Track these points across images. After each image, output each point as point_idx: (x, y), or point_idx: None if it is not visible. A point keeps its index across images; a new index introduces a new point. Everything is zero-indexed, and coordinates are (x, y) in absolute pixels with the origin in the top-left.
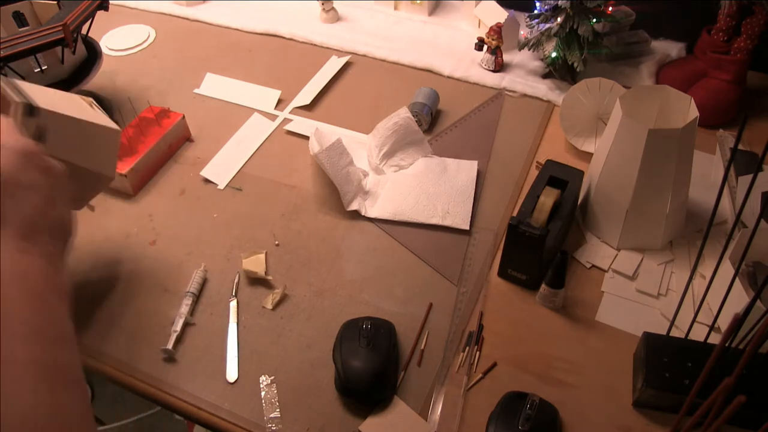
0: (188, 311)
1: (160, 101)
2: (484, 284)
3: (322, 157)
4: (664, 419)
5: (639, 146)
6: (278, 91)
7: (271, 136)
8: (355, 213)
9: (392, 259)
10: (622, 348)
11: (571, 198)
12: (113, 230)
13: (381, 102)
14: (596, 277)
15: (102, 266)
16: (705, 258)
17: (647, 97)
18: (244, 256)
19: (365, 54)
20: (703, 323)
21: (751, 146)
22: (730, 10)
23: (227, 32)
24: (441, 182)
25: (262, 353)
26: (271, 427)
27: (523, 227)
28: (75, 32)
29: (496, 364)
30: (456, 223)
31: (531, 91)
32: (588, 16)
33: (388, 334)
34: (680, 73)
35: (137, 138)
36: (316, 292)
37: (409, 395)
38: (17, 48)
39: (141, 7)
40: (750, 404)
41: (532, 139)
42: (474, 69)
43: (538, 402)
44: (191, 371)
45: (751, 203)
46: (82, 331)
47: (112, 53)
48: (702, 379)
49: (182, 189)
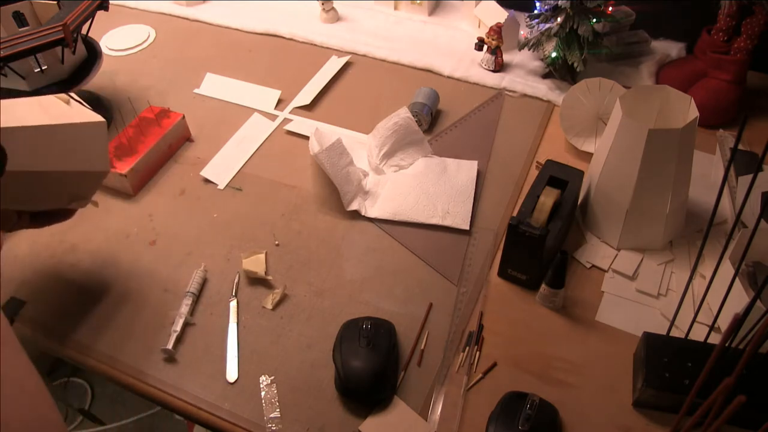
0: (188, 311)
1: (160, 101)
2: (484, 284)
3: (322, 157)
4: (664, 419)
5: (639, 146)
6: (278, 91)
7: (271, 136)
8: (355, 213)
9: (392, 259)
10: (622, 348)
11: (571, 198)
12: (113, 230)
13: (381, 102)
14: (596, 277)
15: (102, 266)
16: (705, 258)
17: (647, 97)
18: (244, 256)
19: (365, 54)
20: (703, 323)
21: (751, 146)
22: (730, 10)
23: (227, 32)
24: (441, 182)
25: (262, 353)
26: (271, 427)
27: (523, 227)
28: (75, 32)
29: (496, 364)
30: (456, 223)
31: (531, 91)
32: (588, 16)
33: (388, 334)
34: (680, 73)
35: (137, 138)
36: (316, 292)
37: (409, 395)
38: (17, 48)
39: (141, 7)
40: (750, 404)
41: (532, 139)
42: (474, 69)
43: (538, 402)
44: (191, 371)
45: (751, 203)
46: (82, 331)
47: (112, 53)
48: (702, 379)
49: (182, 189)
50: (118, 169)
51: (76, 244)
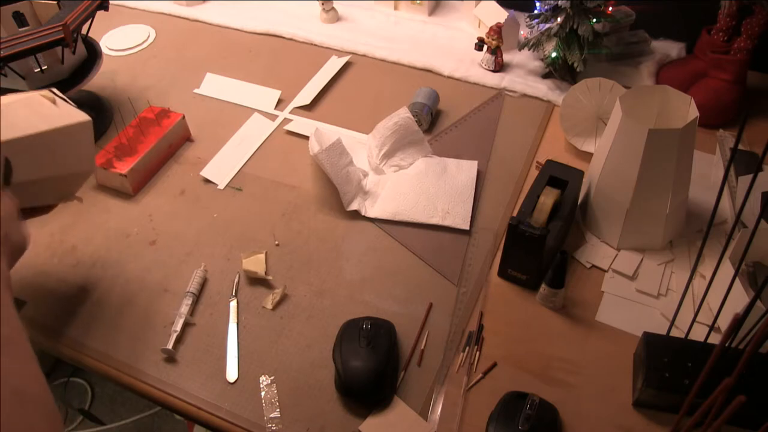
0: (188, 311)
1: (160, 101)
2: (484, 284)
3: (321, 157)
4: (664, 419)
5: (639, 146)
6: (278, 91)
7: (271, 136)
8: (355, 213)
9: (392, 259)
10: (622, 348)
11: (571, 198)
12: (113, 230)
13: (381, 102)
14: (596, 277)
15: (102, 266)
16: (705, 258)
17: (647, 97)
18: (244, 256)
19: (365, 54)
20: (703, 323)
21: (751, 146)
22: (730, 10)
23: (227, 32)
24: (441, 182)
25: (262, 353)
26: (271, 427)
27: (523, 227)
28: (75, 32)
29: (496, 364)
30: (456, 223)
31: (531, 91)
32: (588, 16)
33: (388, 334)
34: (680, 73)
35: (137, 138)
36: (316, 292)
37: (409, 395)
38: (17, 48)
39: (141, 7)
40: (750, 404)
41: (532, 139)
42: (474, 69)
43: (538, 402)
44: (191, 371)
45: (751, 203)
46: (82, 331)
47: (112, 53)
48: (702, 379)
49: (182, 189)
50: (118, 169)
51: (76, 245)
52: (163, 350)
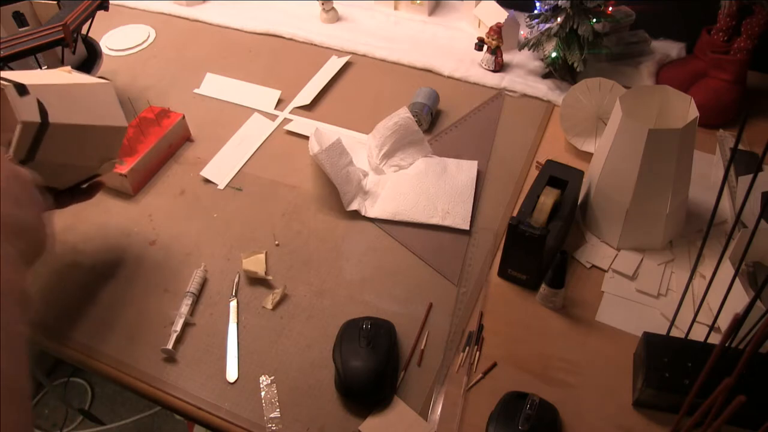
0: (188, 311)
1: (160, 101)
2: (484, 284)
3: (321, 157)
4: (664, 419)
5: (639, 146)
6: (278, 91)
7: (271, 136)
8: (355, 213)
9: (392, 259)
10: (622, 348)
11: (571, 198)
12: (113, 230)
13: (381, 102)
14: (596, 277)
15: (102, 266)
16: (705, 258)
17: (647, 97)
18: (244, 256)
19: (365, 54)
20: (703, 323)
21: (751, 146)
22: (730, 10)
23: (227, 32)
24: (441, 182)
25: (262, 353)
26: (271, 427)
27: (523, 227)
28: (75, 32)
29: (496, 364)
30: (456, 223)
31: (531, 91)
32: (588, 16)
33: (388, 334)
34: (680, 73)
35: (137, 138)
36: (316, 292)
37: (409, 395)
38: (17, 48)
39: (141, 7)
40: (750, 404)
41: (532, 139)
42: (474, 69)
43: (538, 402)
44: (191, 371)
45: (751, 203)
46: (82, 331)
47: (112, 53)
48: (702, 379)
49: (182, 189)
50: (118, 169)
51: (76, 245)
52: (163, 350)
